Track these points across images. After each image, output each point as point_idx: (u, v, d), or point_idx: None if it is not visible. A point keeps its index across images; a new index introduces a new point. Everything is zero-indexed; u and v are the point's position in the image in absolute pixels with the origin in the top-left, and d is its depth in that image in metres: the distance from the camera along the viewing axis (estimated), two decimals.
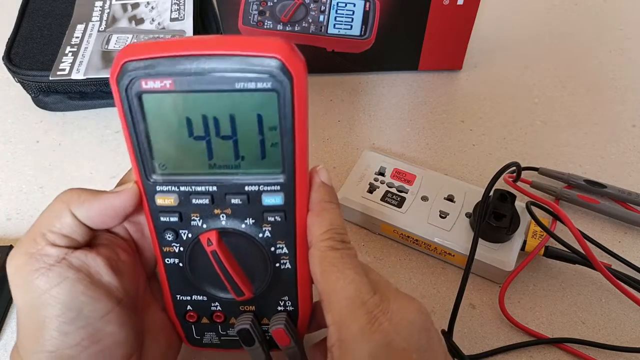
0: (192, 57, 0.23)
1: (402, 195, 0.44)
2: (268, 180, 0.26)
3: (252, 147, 0.26)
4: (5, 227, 0.46)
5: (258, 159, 0.26)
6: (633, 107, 0.54)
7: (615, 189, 0.45)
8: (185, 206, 0.27)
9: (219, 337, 0.32)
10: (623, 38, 0.61)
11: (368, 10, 0.51)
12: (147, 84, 0.24)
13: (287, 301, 0.30)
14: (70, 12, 0.57)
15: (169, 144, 0.26)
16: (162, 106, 0.25)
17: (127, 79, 0.24)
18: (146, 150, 0.26)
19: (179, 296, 0.30)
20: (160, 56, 0.23)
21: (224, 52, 0.23)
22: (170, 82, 0.24)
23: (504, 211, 0.39)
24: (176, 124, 0.25)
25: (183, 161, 0.26)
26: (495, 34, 0.61)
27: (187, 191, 0.27)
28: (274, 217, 0.27)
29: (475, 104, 0.54)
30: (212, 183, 0.26)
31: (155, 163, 0.26)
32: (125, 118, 0.25)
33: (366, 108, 0.54)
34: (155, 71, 0.23)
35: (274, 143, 0.25)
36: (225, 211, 0.27)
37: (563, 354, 0.38)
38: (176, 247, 0.28)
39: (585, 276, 0.42)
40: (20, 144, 0.52)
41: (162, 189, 0.27)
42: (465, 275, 0.38)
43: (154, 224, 0.28)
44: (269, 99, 0.24)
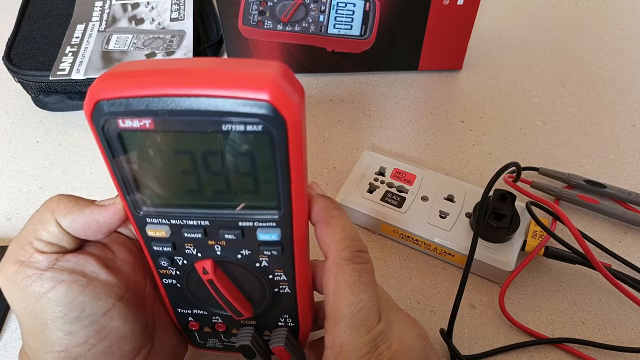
0: (172, 98, 0.20)
1: (402, 195, 0.44)
2: (263, 217, 0.24)
3: (244, 183, 0.24)
4: (5, 227, 0.46)
5: (252, 195, 0.24)
6: (633, 107, 0.54)
7: (615, 189, 0.45)
8: (177, 237, 0.26)
9: (222, 343, 0.32)
10: (623, 38, 0.61)
11: (368, 11, 0.51)
12: (125, 123, 0.21)
13: (288, 318, 0.30)
14: (70, 12, 0.57)
15: (156, 180, 0.24)
16: (144, 144, 0.22)
17: (102, 119, 0.21)
18: (132, 185, 0.24)
19: (179, 309, 0.30)
20: (137, 95, 0.20)
21: (207, 93, 0.20)
22: (150, 121, 0.21)
23: (504, 211, 0.39)
24: (161, 160, 0.23)
25: (173, 195, 0.25)
26: (495, 34, 0.61)
27: (179, 224, 0.25)
28: (270, 251, 0.26)
29: (475, 104, 0.54)
30: (204, 217, 0.25)
31: (143, 198, 0.24)
32: (106, 156, 0.23)
33: (366, 108, 0.54)
34: (131, 111, 0.21)
35: (269, 180, 0.23)
36: (219, 243, 0.26)
37: (563, 354, 0.38)
38: (172, 270, 0.28)
39: (585, 276, 0.42)
40: (20, 144, 0.52)
41: (152, 221, 0.25)
42: (465, 275, 0.38)
43: (147, 250, 0.27)
44: (261, 140, 0.22)
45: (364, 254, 0.26)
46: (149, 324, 0.30)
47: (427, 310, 0.40)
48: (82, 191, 0.48)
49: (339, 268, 0.25)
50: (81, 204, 0.27)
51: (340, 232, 0.26)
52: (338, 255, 0.26)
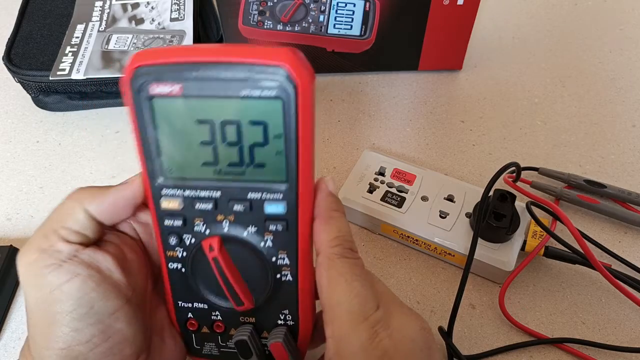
0: (201, 64, 0.24)
1: (402, 195, 0.44)
2: (271, 188, 0.26)
3: (256, 154, 0.26)
4: (5, 227, 0.46)
5: (262, 167, 0.26)
6: (633, 107, 0.54)
7: (615, 189, 0.45)
8: (189, 211, 0.27)
9: (219, 349, 0.32)
10: (623, 38, 0.61)
11: (368, 10, 0.51)
12: (157, 89, 0.24)
13: (288, 315, 0.30)
14: (70, 12, 0.57)
15: (176, 148, 0.26)
16: (171, 111, 0.25)
17: (138, 82, 0.24)
18: (154, 152, 0.26)
19: (180, 303, 0.31)
20: (171, 62, 0.24)
21: (232, 60, 0.24)
22: (179, 87, 0.24)
23: (504, 211, 0.39)
24: (184, 128, 0.25)
25: (189, 166, 0.27)
26: (495, 34, 0.61)
27: (192, 196, 0.27)
28: (275, 226, 0.27)
29: (475, 104, 0.54)
30: (217, 189, 0.27)
31: (162, 166, 0.27)
32: (136, 121, 0.25)
33: (366, 108, 0.54)
34: (165, 76, 0.24)
35: (279, 151, 0.25)
36: (228, 218, 0.27)
37: (563, 354, 0.38)
38: (179, 251, 0.29)
39: (585, 276, 0.42)
40: (20, 144, 0.52)
41: (167, 192, 0.27)
42: (464, 275, 0.38)
43: (159, 226, 0.28)
44: (274, 106, 0.24)
45: (355, 253, 0.28)
46: (149, 330, 0.30)
47: (427, 310, 0.40)
48: None
49: (331, 261, 0.27)
50: (103, 189, 0.28)
51: (335, 231, 0.27)
52: (330, 250, 0.27)
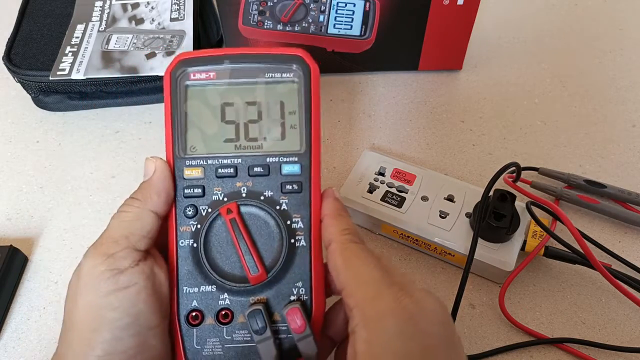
0: (233, 55, 0.31)
1: (402, 195, 0.44)
2: (287, 154, 0.31)
3: (274, 129, 0.31)
4: (5, 227, 0.46)
5: (279, 140, 0.31)
6: (633, 107, 0.54)
7: (615, 189, 0.45)
8: (210, 179, 0.30)
9: (222, 346, 0.30)
10: (623, 38, 0.61)
11: (368, 10, 0.51)
12: (195, 75, 0.31)
13: (301, 288, 0.30)
14: (70, 12, 0.57)
15: (203, 127, 0.31)
16: (203, 94, 0.31)
17: (179, 71, 0.30)
18: (182, 132, 0.30)
19: (185, 288, 0.30)
20: (208, 55, 0.31)
21: (258, 52, 0.31)
22: (214, 73, 0.31)
23: (504, 211, 0.39)
24: (213, 110, 0.31)
25: (213, 142, 0.31)
26: (495, 34, 0.61)
27: (214, 164, 0.30)
28: (291, 186, 0.30)
29: (475, 104, 0.54)
30: (238, 157, 0.30)
31: (188, 143, 0.30)
32: (172, 103, 0.30)
33: (366, 108, 0.54)
34: (202, 65, 0.31)
35: (293, 125, 0.31)
36: (246, 184, 0.30)
37: (563, 354, 0.38)
38: (193, 225, 0.30)
39: (585, 276, 0.42)
40: (20, 144, 0.52)
41: (191, 163, 0.30)
42: (464, 275, 0.38)
43: (176, 201, 0.30)
44: (291, 87, 0.31)
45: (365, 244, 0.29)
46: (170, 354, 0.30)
47: None
48: (82, 191, 0.48)
49: (344, 245, 0.28)
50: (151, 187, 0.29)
51: (344, 224, 0.29)
52: (342, 238, 0.29)
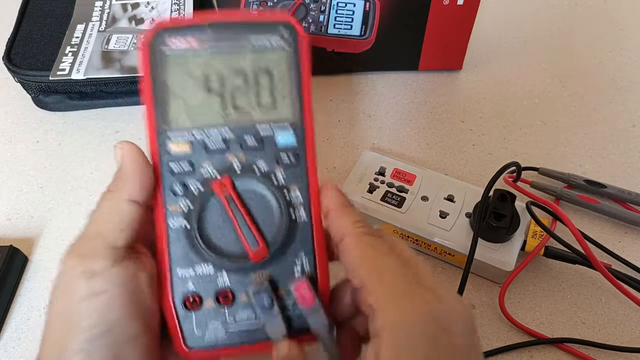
0: (217, 22, 0.28)
1: (402, 195, 0.44)
2: (280, 124, 0.29)
3: (264, 99, 0.28)
4: (5, 227, 0.46)
5: (270, 110, 0.29)
6: (633, 107, 0.54)
7: (615, 189, 0.45)
8: (198, 154, 0.28)
9: (225, 328, 0.28)
10: (623, 38, 0.61)
11: (368, 10, 0.51)
12: (175, 43, 0.28)
13: (305, 262, 0.28)
14: (70, 12, 0.57)
15: (187, 99, 0.28)
16: (185, 64, 0.28)
17: (158, 38, 0.27)
18: (165, 104, 0.28)
19: (180, 271, 0.27)
20: (190, 22, 0.28)
21: (245, 18, 0.28)
22: (195, 41, 0.28)
23: (504, 211, 0.39)
24: (196, 80, 0.28)
25: (199, 114, 0.28)
26: (495, 34, 0.61)
27: (202, 137, 0.28)
28: (287, 158, 0.28)
29: (475, 104, 0.54)
30: (227, 129, 0.28)
31: (171, 116, 0.28)
32: (151, 75, 0.27)
33: (366, 108, 0.54)
34: (183, 32, 0.28)
35: (284, 94, 0.28)
36: (239, 157, 0.28)
37: (563, 354, 0.38)
38: (183, 204, 0.28)
39: (585, 276, 0.42)
40: (20, 144, 0.52)
41: (176, 136, 0.28)
42: (464, 275, 0.38)
43: (162, 179, 0.28)
44: (280, 55, 0.28)
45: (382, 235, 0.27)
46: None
47: None
48: (82, 191, 0.48)
49: (358, 238, 0.26)
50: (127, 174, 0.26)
51: (356, 216, 0.28)
52: (356, 230, 0.27)
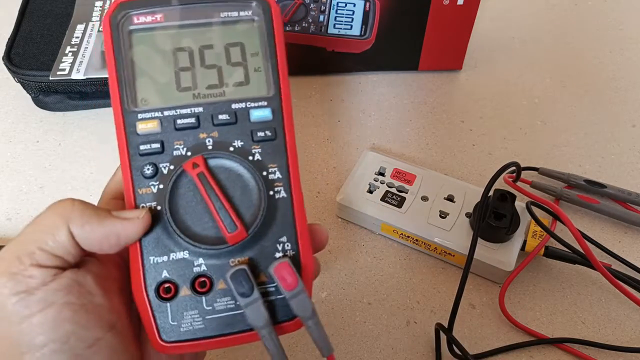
0: None
1: (402, 195, 0.44)
2: (255, 97, 0.27)
3: (236, 73, 0.27)
4: (5, 227, 0.46)
5: (243, 84, 0.27)
6: (633, 107, 0.54)
7: (615, 189, 0.45)
8: (168, 132, 0.26)
9: (203, 318, 0.26)
10: (623, 38, 0.61)
11: (368, 10, 0.51)
12: (139, 19, 0.26)
13: (286, 244, 0.27)
14: (70, 12, 0.57)
15: (155, 77, 0.27)
16: (151, 41, 0.27)
17: (120, 15, 0.26)
18: (131, 83, 0.26)
19: (153, 258, 0.25)
20: None
21: None
22: (161, 15, 0.27)
23: (504, 211, 0.39)
24: (163, 56, 0.27)
25: (167, 93, 0.27)
26: (495, 34, 0.61)
27: (171, 115, 0.26)
28: (264, 133, 0.27)
29: (475, 104, 0.54)
30: (198, 105, 0.27)
31: (139, 95, 0.26)
32: (115, 53, 0.26)
33: (366, 108, 0.54)
34: (147, 7, 0.26)
35: (257, 68, 0.27)
36: (211, 135, 0.26)
37: (563, 354, 0.38)
38: (154, 186, 0.26)
39: (585, 276, 0.42)
40: (20, 144, 0.52)
41: (144, 116, 0.26)
42: (464, 275, 0.38)
43: (130, 159, 0.26)
44: (251, 26, 0.27)
45: None
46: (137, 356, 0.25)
47: (427, 310, 0.40)
48: (82, 191, 0.48)
49: None
50: (101, 214, 0.24)
51: None
52: None
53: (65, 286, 0.23)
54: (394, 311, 0.40)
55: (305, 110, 0.54)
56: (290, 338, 0.38)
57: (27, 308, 0.22)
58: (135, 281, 0.26)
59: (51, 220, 0.23)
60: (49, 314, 0.22)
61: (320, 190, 0.48)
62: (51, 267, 0.23)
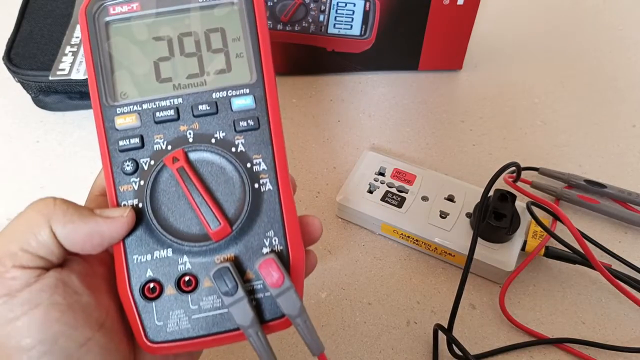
0: None
1: (402, 195, 0.44)
2: (236, 85, 0.26)
3: (217, 60, 0.26)
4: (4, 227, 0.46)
5: (224, 72, 0.26)
6: (633, 107, 0.54)
7: (615, 189, 0.45)
8: (147, 126, 0.25)
9: (189, 318, 0.25)
10: (623, 38, 0.61)
11: (368, 10, 0.51)
12: (115, 9, 0.26)
13: (274, 238, 0.26)
14: (70, 12, 0.57)
15: (134, 70, 0.26)
16: (128, 31, 0.26)
17: (96, 6, 0.26)
18: (109, 76, 0.26)
19: (136, 257, 0.25)
20: None
21: None
22: (137, 4, 0.26)
23: (504, 211, 0.39)
24: (141, 47, 0.26)
25: (146, 85, 0.26)
26: (495, 34, 0.61)
27: (150, 108, 0.26)
28: (246, 122, 0.26)
29: (475, 104, 0.54)
30: (177, 97, 0.26)
31: (117, 88, 0.26)
32: (91, 46, 0.26)
33: (366, 108, 0.54)
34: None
35: (239, 53, 0.26)
36: (192, 127, 0.26)
37: (563, 354, 0.38)
38: (135, 182, 0.25)
39: (585, 276, 0.42)
40: (20, 144, 0.52)
41: (123, 110, 0.26)
42: (464, 275, 0.38)
43: (110, 156, 0.25)
44: (231, 10, 0.26)
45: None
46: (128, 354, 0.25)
47: (427, 310, 0.40)
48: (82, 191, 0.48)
49: None
50: (83, 212, 0.23)
51: None
52: None
53: (49, 286, 0.22)
54: (394, 311, 0.40)
55: (305, 110, 0.54)
56: (280, 336, 0.38)
57: (10, 311, 0.21)
58: (120, 281, 0.25)
59: (33, 219, 0.23)
60: (35, 316, 0.21)
61: (320, 190, 0.48)
62: (34, 267, 0.22)
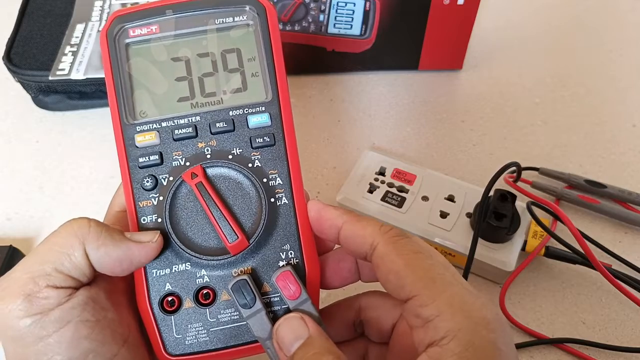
0: (175, 4, 0.27)
1: (402, 195, 0.44)
2: (252, 103, 0.27)
3: (233, 80, 0.27)
4: (5, 227, 0.46)
5: (240, 91, 0.28)
6: (633, 107, 0.54)
7: (616, 189, 0.45)
8: (167, 143, 0.27)
9: (208, 330, 0.26)
10: (623, 38, 0.61)
11: (368, 10, 0.51)
12: (135, 32, 0.27)
13: (290, 251, 0.26)
14: (70, 12, 0.57)
15: (153, 89, 0.27)
16: (148, 52, 0.27)
17: (116, 28, 0.27)
18: (129, 96, 0.27)
19: (155, 271, 0.26)
20: (147, 7, 0.27)
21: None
22: (156, 27, 0.27)
23: (505, 211, 0.39)
24: (160, 68, 0.27)
25: (165, 103, 0.27)
26: (495, 34, 0.61)
27: (169, 126, 0.27)
28: (262, 139, 0.27)
29: (476, 103, 0.54)
30: (195, 115, 0.27)
31: (137, 108, 0.27)
32: (112, 67, 0.27)
33: (366, 108, 0.54)
34: (142, 19, 0.27)
35: (255, 73, 0.28)
36: (210, 143, 0.27)
37: (563, 354, 0.38)
38: (155, 198, 0.26)
39: (585, 276, 0.42)
40: (20, 144, 0.52)
41: (142, 128, 0.27)
42: (465, 275, 0.38)
43: (130, 173, 0.27)
44: (246, 31, 0.28)
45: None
46: None
47: None
48: (82, 191, 0.48)
49: (395, 244, 0.24)
50: (115, 237, 0.24)
51: (377, 223, 0.25)
52: (387, 236, 0.24)
53: (80, 304, 0.23)
54: None
55: (305, 110, 0.54)
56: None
57: (43, 329, 0.22)
58: (139, 294, 0.26)
59: (67, 241, 0.23)
60: (66, 333, 0.22)
61: (320, 190, 0.48)
62: (66, 287, 0.23)
